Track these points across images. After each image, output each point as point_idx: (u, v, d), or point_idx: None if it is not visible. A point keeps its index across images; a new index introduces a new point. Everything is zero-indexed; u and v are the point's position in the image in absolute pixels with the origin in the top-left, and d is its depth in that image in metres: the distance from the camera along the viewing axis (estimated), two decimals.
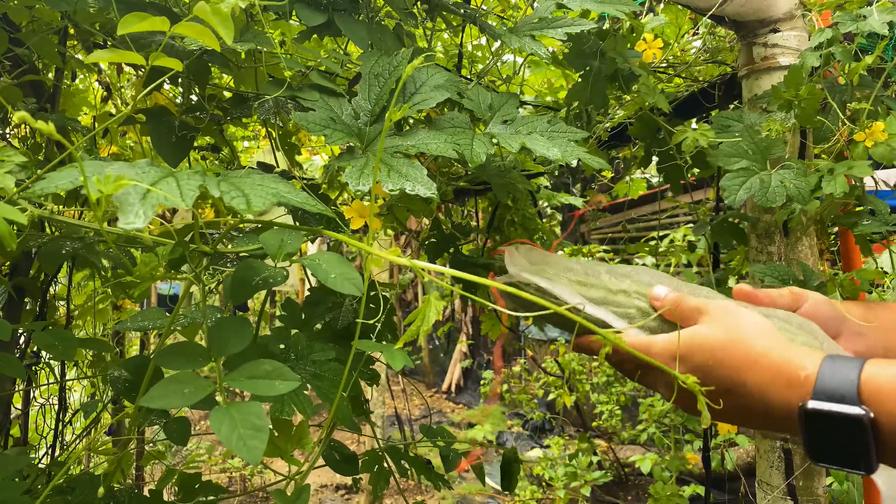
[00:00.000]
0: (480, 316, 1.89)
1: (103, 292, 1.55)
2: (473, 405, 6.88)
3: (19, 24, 1.03)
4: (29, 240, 0.83)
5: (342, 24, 0.84)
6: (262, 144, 2.58)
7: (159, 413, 0.76)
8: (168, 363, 0.55)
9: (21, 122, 0.35)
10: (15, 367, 0.78)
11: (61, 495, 0.74)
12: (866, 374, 0.50)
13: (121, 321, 0.70)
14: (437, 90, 0.75)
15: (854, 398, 0.49)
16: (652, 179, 3.01)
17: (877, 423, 0.49)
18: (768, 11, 1.11)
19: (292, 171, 1.23)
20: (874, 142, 0.93)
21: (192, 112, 0.93)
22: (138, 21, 0.55)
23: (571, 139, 0.76)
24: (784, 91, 0.96)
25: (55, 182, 0.47)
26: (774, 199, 0.89)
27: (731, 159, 0.95)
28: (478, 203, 2.10)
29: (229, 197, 0.49)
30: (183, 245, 0.61)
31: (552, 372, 4.73)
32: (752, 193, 0.91)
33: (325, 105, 0.73)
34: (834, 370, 0.52)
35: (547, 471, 4.15)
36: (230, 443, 0.43)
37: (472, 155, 0.66)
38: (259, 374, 0.52)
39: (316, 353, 0.72)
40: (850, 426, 0.49)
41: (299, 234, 0.63)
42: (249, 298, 0.64)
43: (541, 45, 0.84)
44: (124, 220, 0.44)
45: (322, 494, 4.58)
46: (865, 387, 0.50)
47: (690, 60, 1.45)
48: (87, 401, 1.78)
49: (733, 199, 0.90)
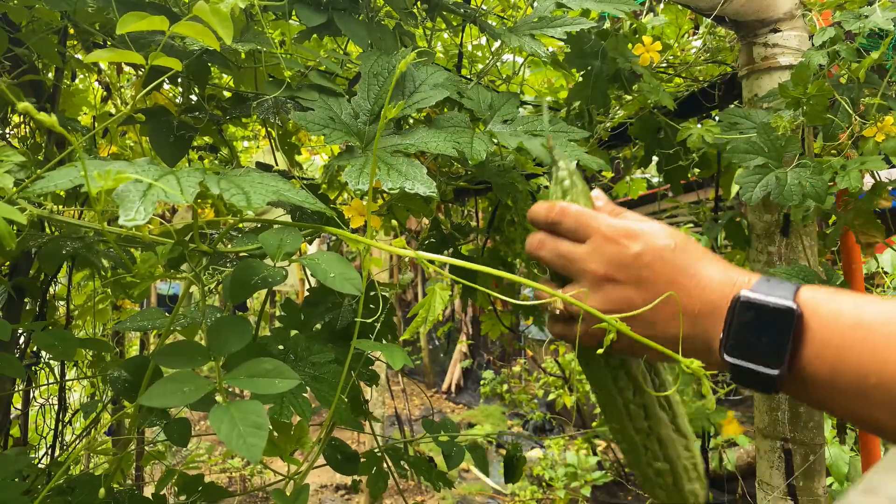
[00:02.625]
0: (480, 316, 1.89)
1: (103, 292, 1.55)
2: (473, 405, 6.88)
3: (19, 23, 1.03)
4: (29, 240, 0.83)
5: (342, 23, 0.83)
6: (262, 144, 2.58)
7: (160, 414, 0.76)
8: (167, 362, 0.54)
9: (23, 114, 0.35)
10: (15, 367, 0.78)
11: (61, 495, 0.74)
12: (804, 287, 0.54)
13: (120, 321, 0.70)
14: (437, 89, 0.75)
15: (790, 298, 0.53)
16: (652, 179, 3.01)
17: (804, 323, 0.51)
18: (769, 11, 1.11)
19: (292, 172, 1.23)
20: (885, 135, 0.93)
21: (192, 112, 0.93)
22: (137, 20, 0.55)
23: (571, 139, 0.76)
24: (792, 89, 0.96)
25: (54, 181, 0.47)
26: (791, 198, 0.88)
27: (748, 156, 0.94)
28: (478, 203, 2.10)
29: (229, 194, 0.49)
30: (182, 244, 0.61)
31: (552, 372, 4.73)
32: (768, 191, 0.90)
33: (324, 104, 0.73)
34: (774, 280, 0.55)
35: (547, 471, 4.15)
36: (230, 441, 0.43)
37: (471, 153, 0.66)
38: (259, 373, 0.52)
39: (315, 355, 0.72)
40: (778, 316, 0.52)
41: (298, 234, 0.63)
42: (249, 298, 0.64)
43: (540, 44, 0.84)
44: (124, 216, 0.43)
45: (322, 494, 4.58)
46: (802, 293, 0.53)
47: (690, 60, 1.45)
48: (86, 401, 1.78)
49: (749, 197, 0.90)
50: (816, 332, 0.51)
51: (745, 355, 0.53)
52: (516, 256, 1.60)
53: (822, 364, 0.51)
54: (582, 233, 0.62)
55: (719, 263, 0.59)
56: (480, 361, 7.37)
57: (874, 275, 2.20)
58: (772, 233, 1.11)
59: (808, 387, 0.52)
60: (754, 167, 0.93)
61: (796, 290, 0.54)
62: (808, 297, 0.53)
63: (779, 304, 0.52)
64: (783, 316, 0.52)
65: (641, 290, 0.59)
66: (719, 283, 0.57)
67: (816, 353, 0.51)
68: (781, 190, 0.89)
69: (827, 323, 0.51)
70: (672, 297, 0.58)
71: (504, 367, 6.61)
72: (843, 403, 0.51)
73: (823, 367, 0.51)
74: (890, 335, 0.48)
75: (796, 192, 0.89)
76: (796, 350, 0.52)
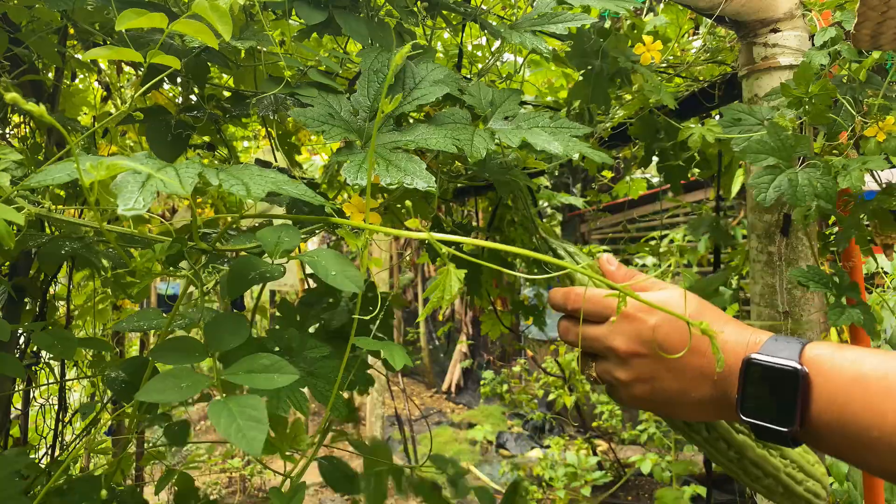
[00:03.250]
0: (480, 316, 1.89)
1: (103, 292, 1.54)
2: (473, 405, 6.87)
3: (19, 23, 1.02)
4: (28, 239, 0.83)
5: (342, 21, 0.83)
6: (262, 145, 2.58)
7: (160, 416, 0.75)
8: (165, 358, 0.54)
9: (23, 114, 0.35)
10: (15, 367, 0.78)
11: (61, 496, 0.73)
12: (809, 345, 0.57)
13: (120, 321, 0.70)
14: (437, 85, 0.75)
15: (795, 358, 0.56)
16: (652, 179, 3.01)
17: (809, 382, 0.54)
18: (769, 11, 1.11)
19: (292, 171, 1.23)
20: (887, 135, 0.92)
21: (191, 111, 0.93)
22: (136, 17, 0.55)
23: (574, 134, 0.76)
24: (794, 88, 0.95)
25: (51, 175, 0.47)
26: (804, 199, 0.87)
27: (759, 156, 0.93)
28: (478, 203, 2.10)
29: (228, 184, 0.49)
30: (181, 241, 0.61)
31: (552, 372, 4.73)
32: (781, 192, 0.89)
33: (323, 101, 0.73)
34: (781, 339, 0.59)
35: (547, 471, 4.14)
36: (229, 434, 0.43)
37: (471, 150, 0.66)
38: (257, 368, 0.52)
39: (310, 350, 0.71)
40: (785, 378, 0.55)
41: (297, 232, 0.62)
42: (246, 292, 0.64)
43: (542, 40, 0.84)
44: (123, 206, 0.44)
45: (322, 494, 4.58)
46: (807, 352, 0.56)
47: (690, 60, 1.44)
48: (86, 401, 1.78)
49: (764, 198, 0.89)
50: (822, 388, 0.54)
51: (760, 415, 0.57)
52: (516, 256, 1.60)
53: (830, 419, 0.53)
54: (600, 314, 0.67)
55: (733, 325, 0.63)
56: (480, 361, 7.36)
57: (874, 275, 2.20)
58: (772, 233, 1.11)
59: (821, 439, 0.55)
60: (765, 167, 0.92)
61: (801, 348, 0.57)
62: (812, 355, 0.56)
63: (786, 365, 0.55)
64: (790, 377, 0.55)
65: (664, 359, 0.63)
66: (733, 345, 0.60)
67: (823, 409, 0.54)
68: (794, 191, 0.88)
69: (830, 379, 0.54)
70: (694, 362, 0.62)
71: (504, 367, 6.61)
72: (852, 454, 0.54)
73: (831, 422, 0.53)
74: (888, 389, 0.51)
75: (808, 194, 0.88)
76: (805, 408, 0.54)
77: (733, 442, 0.69)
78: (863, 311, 0.95)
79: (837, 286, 0.95)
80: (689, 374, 0.62)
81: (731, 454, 0.70)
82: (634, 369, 0.64)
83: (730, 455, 0.70)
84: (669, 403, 0.64)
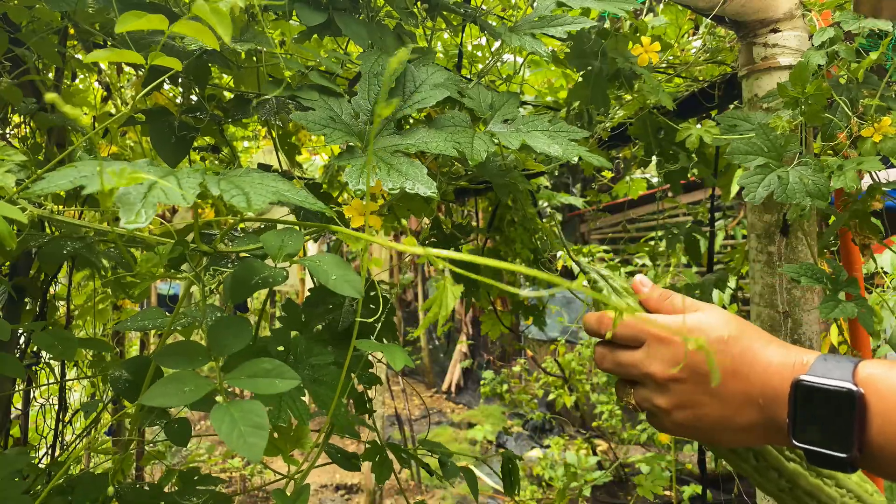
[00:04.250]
0: (480, 316, 1.89)
1: (103, 292, 1.55)
2: (473, 405, 6.87)
3: (19, 24, 1.03)
4: (29, 240, 0.83)
5: (342, 23, 0.83)
6: (263, 145, 2.58)
7: (160, 414, 0.76)
8: (168, 362, 0.54)
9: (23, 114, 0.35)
10: (15, 367, 0.78)
11: (61, 495, 0.74)
12: (861, 364, 0.54)
13: (120, 321, 0.70)
14: (437, 88, 0.75)
15: (849, 379, 0.53)
16: (652, 179, 3.01)
17: (865, 403, 0.52)
18: (768, 11, 1.11)
19: (292, 172, 1.23)
20: (882, 136, 0.92)
21: (192, 112, 0.93)
22: (136, 19, 0.55)
23: (572, 137, 0.76)
24: (791, 89, 0.96)
25: (54, 182, 0.47)
26: (794, 196, 0.88)
27: (748, 157, 0.94)
28: (478, 203, 2.10)
29: (229, 195, 0.49)
30: (183, 244, 0.61)
31: (552, 372, 4.73)
32: (771, 190, 0.89)
33: (324, 104, 0.73)
34: (830, 359, 0.56)
35: (547, 471, 4.15)
36: (231, 440, 0.43)
37: (472, 153, 0.66)
38: (259, 373, 0.52)
39: (315, 357, 0.71)
40: (840, 400, 0.52)
41: (300, 235, 0.63)
42: (249, 297, 0.64)
43: (541, 43, 0.84)
44: (125, 219, 0.43)
45: (322, 494, 4.58)
46: (860, 372, 0.53)
47: (690, 60, 1.45)
48: (87, 401, 1.78)
49: (753, 197, 0.89)
50: (878, 409, 0.52)
51: (815, 440, 0.54)
52: (516, 256, 1.60)
53: (887, 440, 0.51)
54: (635, 339, 0.64)
55: (776, 346, 0.60)
56: (480, 361, 7.36)
57: (874, 275, 2.20)
58: (772, 233, 1.11)
59: (878, 462, 0.53)
60: (755, 167, 0.92)
61: (854, 368, 0.54)
62: (866, 374, 0.53)
63: (840, 387, 0.53)
64: (846, 399, 0.52)
65: (704, 384, 0.60)
66: (778, 366, 0.58)
67: (880, 431, 0.52)
68: (784, 188, 0.89)
69: (886, 398, 0.52)
70: (736, 387, 0.59)
71: (504, 367, 6.61)
72: None
73: (889, 443, 0.51)
74: None
75: (799, 191, 0.89)
76: (863, 431, 0.52)
77: (784, 470, 0.66)
78: (859, 305, 0.94)
79: (834, 282, 0.95)
80: (731, 398, 0.59)
81: (782, 483, 0.67)
82: (674, 395, 0.61)
83: (781, 484, 0.67)
84: (714, 430, 0.61)
